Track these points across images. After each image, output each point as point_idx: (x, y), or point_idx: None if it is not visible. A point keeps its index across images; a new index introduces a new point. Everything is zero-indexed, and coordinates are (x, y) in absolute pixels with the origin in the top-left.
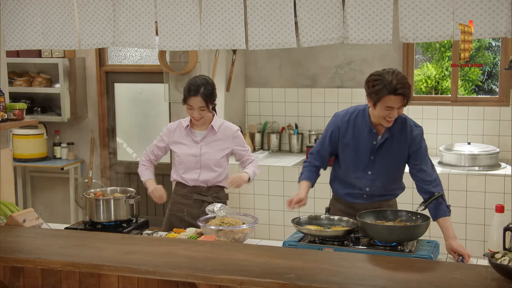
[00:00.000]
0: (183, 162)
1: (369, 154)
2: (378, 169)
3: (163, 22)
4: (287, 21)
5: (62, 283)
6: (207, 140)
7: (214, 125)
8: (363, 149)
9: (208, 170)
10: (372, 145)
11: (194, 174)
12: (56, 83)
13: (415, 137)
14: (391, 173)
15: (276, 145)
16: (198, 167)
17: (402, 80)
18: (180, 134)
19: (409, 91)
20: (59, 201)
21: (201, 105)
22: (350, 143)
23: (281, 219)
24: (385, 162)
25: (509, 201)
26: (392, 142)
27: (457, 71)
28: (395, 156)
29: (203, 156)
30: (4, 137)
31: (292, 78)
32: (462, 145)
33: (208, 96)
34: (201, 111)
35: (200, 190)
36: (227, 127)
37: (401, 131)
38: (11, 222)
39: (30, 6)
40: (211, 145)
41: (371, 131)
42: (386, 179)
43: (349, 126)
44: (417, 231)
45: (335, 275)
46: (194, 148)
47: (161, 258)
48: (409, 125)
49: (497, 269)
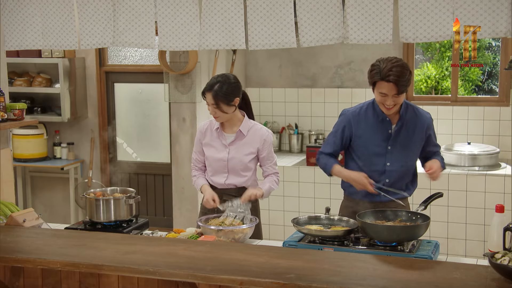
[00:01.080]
0: (211, 165)
1: (385, 144)
2: (396, 159)
3: (163, 22)
4: (287, 21)
5: (62, 283)
6: (236, 144)
7: (243, 129)
8: (378, 140)
9: (235, 175)
10: (387, 134)
11: (221, 178)
12: (56, 83)
13: (430, 121)
14: (409, 163)
15: (276, 145)
16: (226, 171)
17: (396, 68)
18: (211, 136)
19: (402, 80)
20: (59, 201)
21: (212, 102)
22: (364, 135)
23: (281, 219)
24: (403, 150)
25: (509, 201)
26: (408, 130)
27: (457, 71)
28: (413, 143)
29: (231, 161)
30: (4, 137)
31: (292, 78)
32: (462, 145)
33: (219, 94)
34: (214, 108)
35: (230, 191)
36: (257, 130)
37: (414, 118)
38: (11, 222)
39: (30, 6)
40: (239, 149)
41: (384, 120)
42: (404, 170)
43: (361, 120)
44: (417, 231)
45: (335, 275)
46: (222, 152)
47: (161, 258)
48: (419, 111)
49: (497, 269)
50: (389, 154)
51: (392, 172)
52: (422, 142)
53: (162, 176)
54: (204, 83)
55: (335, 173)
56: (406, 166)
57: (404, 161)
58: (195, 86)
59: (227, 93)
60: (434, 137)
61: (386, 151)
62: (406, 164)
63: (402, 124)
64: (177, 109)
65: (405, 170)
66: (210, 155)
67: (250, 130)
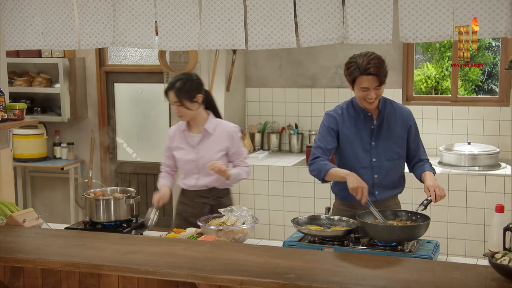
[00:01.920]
0: (183, 168)
1: (369, 140)
2: (381, 154)
3: (163, 22)
4: (287, 21)
5: (62, 283)
6: (203, 144)
7: (208, 127)
8: (362, 136)
9: (206, 175)
10: (370, 130)
11: (192, 180)
12: (56, 83)
13: (409, 114)
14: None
15: (276, 145)
16: (197, 172)
17: (374, 60)
18: (180, 139)
19: (382, 71)
20: (59, 201)
21: (175, 99)
22: (349, 133)
23: (281, 219)
24: (386, 145)
25: (509, 201)
26: (389, 123)
27: (457, 71)
28: (396, 136)
29: (200, 160)
30: (4, 137)
31: (292, 78)
32: (462, 145)
33: (182, 91)
34: (178, 106)
35: (201, 193)
36: (224, 126)
37: (393, 111)
38: (11, 222)
39: (30, 6)
40: (207, 148)
41: (366, 116)
42: (391, 164)
43: (345, 118)
44: (417, 231)
45: (335, 275)
46: (191, 153)
47: (161, 258)
48: (398, 105)
49: (497, 269)
50: (374, 150)
51: (379, 167)
52: (404, 135)
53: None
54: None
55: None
56: (393, 160)
57: (390, 155)
58: None
59: (189, 89)
60: (418, 135)
61: (371, 147)
62: (391, 158)
63: (383, 118)
64: None
65: (391, 164)
66: (181, 157)
67: (217, 127)
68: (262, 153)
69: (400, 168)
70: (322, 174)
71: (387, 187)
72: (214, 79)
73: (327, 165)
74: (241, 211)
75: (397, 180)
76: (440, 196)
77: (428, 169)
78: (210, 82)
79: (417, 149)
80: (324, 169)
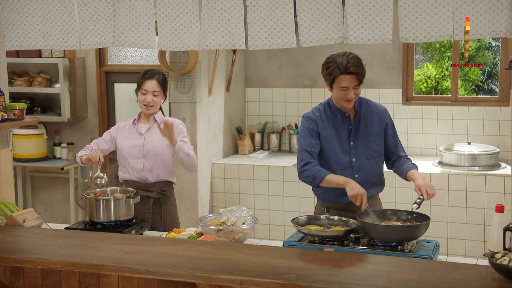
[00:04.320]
0: (128, 153)
1: (348, 140)
2: (360, 154)
3: (163, 22)
4: (287, 21)
5: (62, 283)
6: (151, 131)
7: (157, 117)
8: (342, 137)
9: (152, 160)
10: (348, 130)
11: (138, 164)
12: (56, 83)
13: (384, 111)
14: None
15: (276, 145)
16: (142, 156)
17: (353, 59)
18: (127, 130)
19: (361, 70)
20: (59, 201)
21: (156, 89)
22: (329, 134)
23: (281, 219)
24: (365, 144)
25: (509, 201)
26: (366, 121)
27: (457, 71)
28: (373, 134)
29: (146, 146)
30: (4, 137)
31: (292, 78)
32: (462, 145)
33: (164, 81)
34: (154, 96)
35: (146, 186)
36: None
37: (369, 109)
38: (11, 222)
39: (30, 6)
40: (154, 136)
41: (344, 116)
42: (371, 163)
43: (323, 119)
44: (417, 231)
45: (335, 275)
46: (138, 139)
47: (161, 258)
48: (373, 103)
49: (497, 269)
50: (353, 150)
51: (359, 166)
52: (382, 133)
53: None
54: (204, 83)
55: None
56: (373, 159)
57: (369, 154)
58: (195, 86)
59: (166, 82)
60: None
61: (349, 147)
62: (371, 157)
63: (360, 117)
64: (177, 109)
65: (371, 163)
66: (126, 144)
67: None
68: (262, 153)
69: (379, 167)
70: (317, 181)
71: (367, 186)
72: (214, 79)
73: (321, 172)
74: (241, 211)
75: (377, 179)
76: (432, 195)
77: (413, 167)
78: (210, 82)
79: (395, 146)
80: (320, 176)
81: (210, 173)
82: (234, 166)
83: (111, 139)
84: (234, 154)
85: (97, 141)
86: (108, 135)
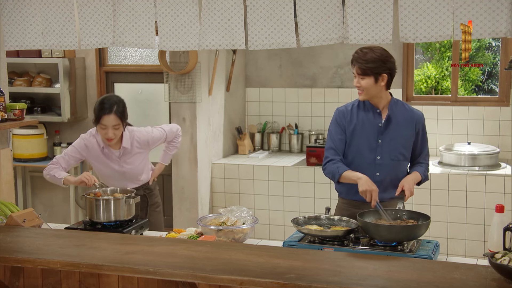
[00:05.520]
0: (106, 175)
1: (376, 138)
2: (386, 153)
3: (163, 22)
4: (287, 21)
5: (62, 283)
6: (125, 158)
7: (125, 144)
8: (370, 133)
9: (134, 180)
10: (378, 127)
11: (119, 184)
12: (56, 83)
13: (420, 117)
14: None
15: (276, 145)
16: (125, 180)
17: (363, 51)
18: (99, 153)
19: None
20: (59, 201)
21: (115, 122)
22: (357, 128)
23: (281, 219)
24: (392, 143)
25: (509, 201)
26: (398, 123)
27: (457, 71)
28: (402, 137)
29: (127, 173)
30: (4, 137)
31: (292, 78)
32: (462, 145)
33: (123, 114)
34: (115, 130)
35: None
36: (139, 138)
37: (403, 112)
38: (11, 222)
39: (30, 6)
40: (131, 161)
41: (375, 112)
42: (394, 164)
43: (353, 114)
44: (417, 231)
45: (335, 275)
46: (114, 164)
47: (161, 258)
48: (410, 107)
49: (497, 269)
50: (379, 148)
51: (381, 165)
52: (412, 138)
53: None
54: (204, 83)
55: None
56: (397, 160)
57: (394, 155)
58: (195, 86)
59: (125, 110)
60: (426, 140)
61: (376, 145)
62: (396, 158)
63: (391, 117)
64: (177, 109)
65: (395, 164)
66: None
67: (133, 141)
68: (262, 153)
69: (402, 170)
70: (336, 177)
71: (387, 186)
72: (214, 79)
73: (340, 168)
74: (241, 211)
75: (398, 182)
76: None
77: (417, 169)
78: (210, 82)
79: (421, 153)
80: (337, 172)
81: (210, 173)
82: (234, 166)
83: (80, 158)
84: (234, 154)
85: (66, 158)
86: (76, 153)
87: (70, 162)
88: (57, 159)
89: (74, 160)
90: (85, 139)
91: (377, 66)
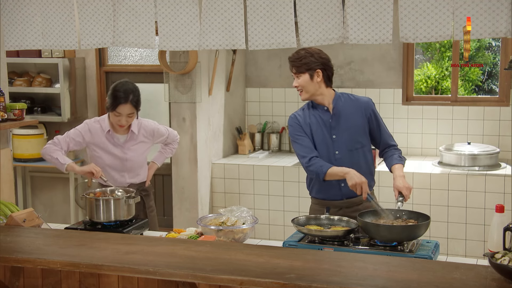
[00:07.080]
0: (107, 164)
1: (330, 134)
2: (343, 146)
3: (163, 22)
4: (287, 21)
5: (62, 283)
6: (130, 144)
7: (133, 129)
8: (324, 131)
9: (132, 173)
10: (329, 124)
11: (120, 178)
12: (56, 83)
13: (367, 103)
14: (357, 147)
15: (276, 145)
16: (124, 170)
17: (297, 53)
18: (102, 138)
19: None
20: (59, 201)
21: (130, 111)
22: (313, 128)
23: (281, 219)
24: (347, 135)
25: (509, 201)
26: (346, 116)
27: (457, 71)
28: (355, 126)
29: (128, 161)
30: (4, 137)
31: (292, 78)
32: (462, 145)
33: (138, 103)
34: (129, 117)
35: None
36: (146, 127)
37: (349, 102)
38: (11, 222)
39: (30, 6)
40: (134, 149)
41: (323, 110)
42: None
43: (306, 116)
44: (417, 231)
45: (335, 275)
46: (117, 151)
47: (161, 258)
48: (355, 97)
49: (497, 269)
50: (336, 143)
51: (342, 159)
52: (365, 125)
53: (162, 176)
54: (204, 83)
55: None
56: (356, 150)
57: (351, 145)
58: (195, 86)
59: (139, 99)
60: (382, 122)
61: (332, 141)
62: (354, 148)
63: (339, 110)
64: (177, 109)
65: (355, 154)
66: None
67: (140, 128)
68: (262, 153)
69: (365, 157)
70: (321, 176)
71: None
72: (214, 79)
73: (323, 167)
74: (241, 211)
75: (365, 169)
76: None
77: (397, 161)
78: (210, 82)
79: (382, 135)
80: (322, 171)
81: (210, 173)
82: (234, 166)
83: (82, 143)
84: (234, 154)
85: (67, 140)
86: (79, 136)
87: (70, 145)
88: (58, 139)
89: (75, 144)
90: (89, 124)
91: (309, 61)
